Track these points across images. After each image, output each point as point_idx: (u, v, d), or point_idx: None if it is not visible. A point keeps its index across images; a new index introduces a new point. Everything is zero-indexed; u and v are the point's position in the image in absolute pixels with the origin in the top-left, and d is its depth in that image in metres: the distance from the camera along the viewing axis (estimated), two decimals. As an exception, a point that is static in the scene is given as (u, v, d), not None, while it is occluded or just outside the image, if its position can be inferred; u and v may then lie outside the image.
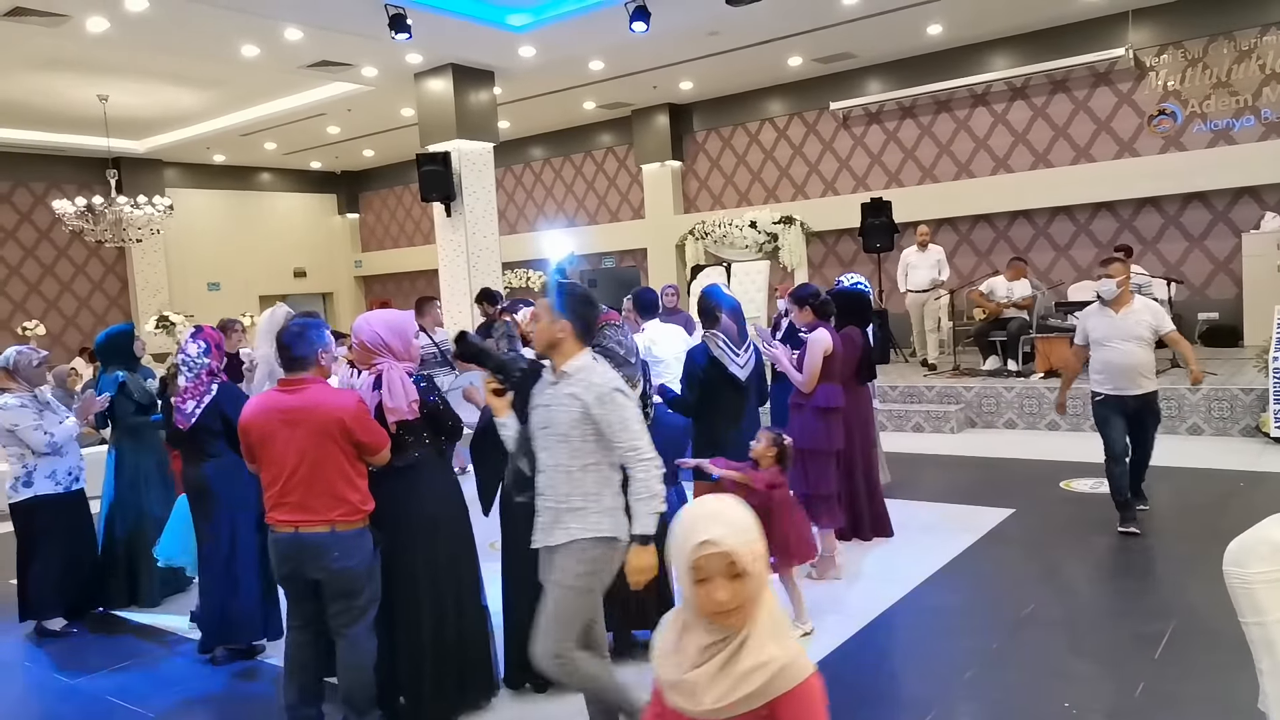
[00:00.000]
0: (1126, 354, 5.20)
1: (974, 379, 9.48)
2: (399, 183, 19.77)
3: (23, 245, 16.22)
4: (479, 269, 12.06)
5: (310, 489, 3.13)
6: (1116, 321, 5.24)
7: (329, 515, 3.14)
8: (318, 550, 3.12)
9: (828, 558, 4.87)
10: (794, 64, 13.18)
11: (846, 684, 3.69)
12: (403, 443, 3.36)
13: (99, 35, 9.60)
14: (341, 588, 3.18)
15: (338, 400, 3.23)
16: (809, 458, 4.67)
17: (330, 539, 3.13)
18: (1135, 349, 5.20)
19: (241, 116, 14.54)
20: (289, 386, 3.24)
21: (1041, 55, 12.03)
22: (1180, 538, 5.31)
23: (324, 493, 3.14)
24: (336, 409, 3.18)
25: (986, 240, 13.01)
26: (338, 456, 3.16)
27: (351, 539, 3.17)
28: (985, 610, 4.45)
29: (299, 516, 3.13)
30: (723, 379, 4.19)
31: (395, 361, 3.39)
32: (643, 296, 5.72)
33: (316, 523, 3.13)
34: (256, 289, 18.78)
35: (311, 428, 3.14)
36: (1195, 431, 8.03)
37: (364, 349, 3.42)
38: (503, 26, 10.55)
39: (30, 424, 4.59)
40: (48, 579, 4.73)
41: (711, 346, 4.20)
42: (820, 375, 4.73)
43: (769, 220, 14.05)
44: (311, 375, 3.27)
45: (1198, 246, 11.51)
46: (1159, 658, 3.72)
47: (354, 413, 3.20)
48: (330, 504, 3.14)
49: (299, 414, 3.14)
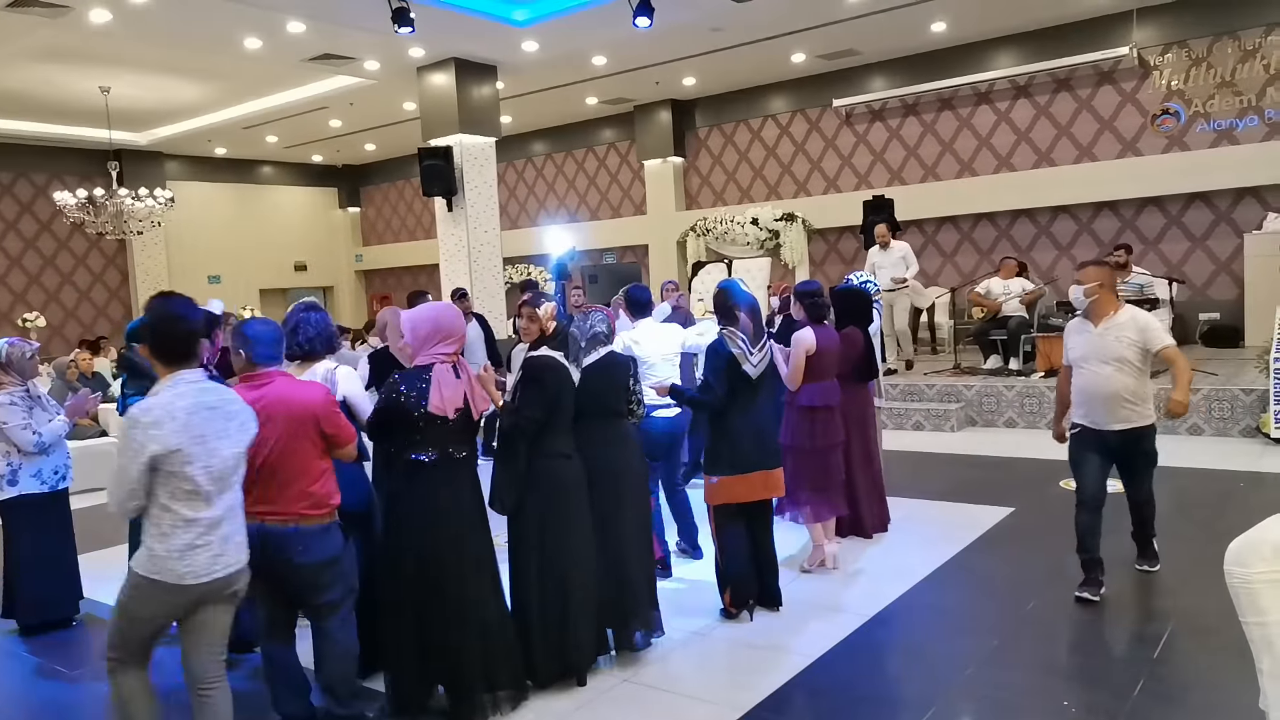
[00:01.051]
0: (1103, 379, 4.21)
1: (974, 378, 9.47)
2: (400, 177, 19.76)
3: (23, 237, 16.22)
4: (480, 264, 12.05)
5: (275, 482, 3.09)
6: (1093, 338, 4.27)
7: (294, 509, 3.11)
8: (281, 543, 3.09)
9: (817, 548, 4.91)
10: (797, 60, 13.16)
11: (846, 681, 3.70)
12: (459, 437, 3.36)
13: (101, 26, 9.59)
14: (306, 581, 3.17)
15: (308, 393, 3.21)
16: (793, 455, 4.70)
17: (294, 534, 3.10)
18: (1113, 373, 4.19)
19: (243, 109, 14.54)
20: (252, 381, 3.19)
21: (1045, 54, 12.02)
22: (1180, 538, 5.30)
23: (289, 485, 3.11)
24: (309, 402, 3.17)
25: (989, 239, 13.00)
26: (307, 449, 3.14)
27: (315, 534, 3.14)
28: (985, 608, 4.45)
29: (263, 509, 3.09)
30: (736, 376, 4.21)
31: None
32: (632, 293, 5.39)
33: (281, 516, 3.10)
34: (257, 282, 18.80)
35: (282, 421, 3.10)
36: (1195, 431, 8.02)
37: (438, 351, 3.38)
38: (506, 21, 10.53)
39: (19, 423, 4.42)
40: (30, 577, 4.63)
41: (729, 343, 4.20)
42: (806, 374, 4.77)
43: (771, 217, 14.02)
44: (276, 369, 3.24)
45: (1200, 247, 11.50)
46: (1158, 657, 3.72)
47: (324, 406, 3.20)
48: (295, 498, 3.11)
49: (268, 407, 3.08)
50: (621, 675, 3.76)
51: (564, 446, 3.71)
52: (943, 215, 13.17)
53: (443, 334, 3.36)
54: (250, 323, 3.31)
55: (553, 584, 3.61)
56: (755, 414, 4.31)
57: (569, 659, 3.64)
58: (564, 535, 3.63)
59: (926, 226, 13.38)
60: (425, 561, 3.30)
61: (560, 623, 3.61)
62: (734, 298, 4.30)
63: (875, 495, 5.56)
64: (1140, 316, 4.27)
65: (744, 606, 4.32)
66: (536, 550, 3.62)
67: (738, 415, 4.25)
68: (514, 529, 3.69)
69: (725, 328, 4.27)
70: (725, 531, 4.32)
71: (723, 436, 4.27)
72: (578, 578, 3.64)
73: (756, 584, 4.38)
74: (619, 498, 3.85)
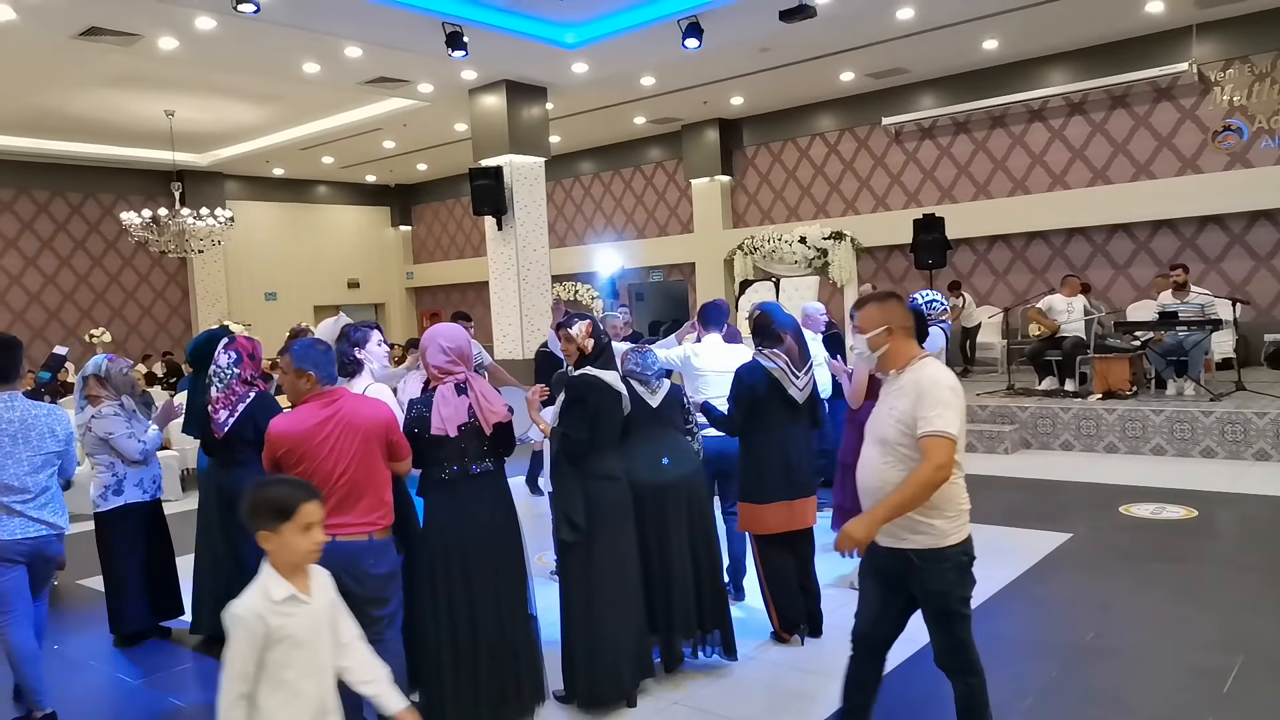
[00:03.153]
0: (864, 467, 2.89)
1: (1029, 399, 9.30)
2: (451, 196, 20.08)
3: (91, 255, 16.80)
4: (529, 282, 12.18)
5: (353, 494, 3.19)
6: (879, 402, 2.94)
7: (366, 518, 3.20)
8: (354, 557, 3.15)
9: None
10: (846, 79, 13.13)
11: (901, 710, 3.64)
12: (470, 452, 3.41)
13: (169, 53, 9.93)
14: (373, 594, 3.23)
15: (376, 408, 3.34)
16: (849, 472, 4.63)
17: (367, 546, 3.19)
18: (877, 459, 2.83)
19: (301, 131, 14.92)
20: (323, 398, 3.28)
21: (1100, 70, 11.83)
22: (1247, 568, 5.13)
23: (368, 497, 3.21)
24: (380, 415, 3.29)
25: (1042, 258, 12.78)
26: (379, 460, 3.25)
27: (385, 546, 3.26)
28: (1044, 637, 4.35)
29: (337, 521, 3.14)
30: (780, 399, 4.16)
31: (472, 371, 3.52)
32: (706, 307, 5.46)
33: (355, 529, 3.18)
34: (311, 299, 19.19)
35: (360, 434, 3.21)
36: (1262, 457, 7.77)
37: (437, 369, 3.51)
38: (557, 44, 10.69)
39: (124, 432, 4.59)
40: (135, 587, 4.76)
41: (770, 366, 4.14)
42: (868, 392, 4.71)
43: (819, 236, 13.90)
44: (339, 387, 3.37)
45: (1264, 265, 11.18)
46: (1227, 692, 3.60)
47: (391, 418, 3.33)
48: (371, 506, 3.21)
49: (343, 423, 3.20)
50: (673, 697, 3.75)
51: (609, 468, 3.70)
52: (995, 234, 12.99)
53: (449, 353, 3.46)
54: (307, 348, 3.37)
55: (599, 606, 3.60)
56: (787, 443, 4.20)
57: (618, 680, 3.63)
58: (608, 559, 3.63)
59: (978, 245, 13.20)
60: (449, 574, 3.39)
61: (606, 645, 3.59)
62: (777, 320, 4.24)
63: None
64: (927, 377, 2.76)
65: (794, 630, 4.30)
66: (582, 573, 3.63)
67: (764, 443, 4.18)
68: (561, 550, 3.71)
69: (766, 349, 4.22)
70: (766, 556, 4.30)
71: (750, 464, 4.24)
72: (623, 602, 3.64)
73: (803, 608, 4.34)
74: (673, 512, 3.87)
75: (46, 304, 16.25)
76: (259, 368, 4.36)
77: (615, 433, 3.75)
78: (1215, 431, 7.98)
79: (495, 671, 3.44)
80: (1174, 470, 7.60)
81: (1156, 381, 9.15)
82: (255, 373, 4.30)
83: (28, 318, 16.01)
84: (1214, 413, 8.02)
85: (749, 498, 4.25)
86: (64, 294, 16.46)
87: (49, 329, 16.23)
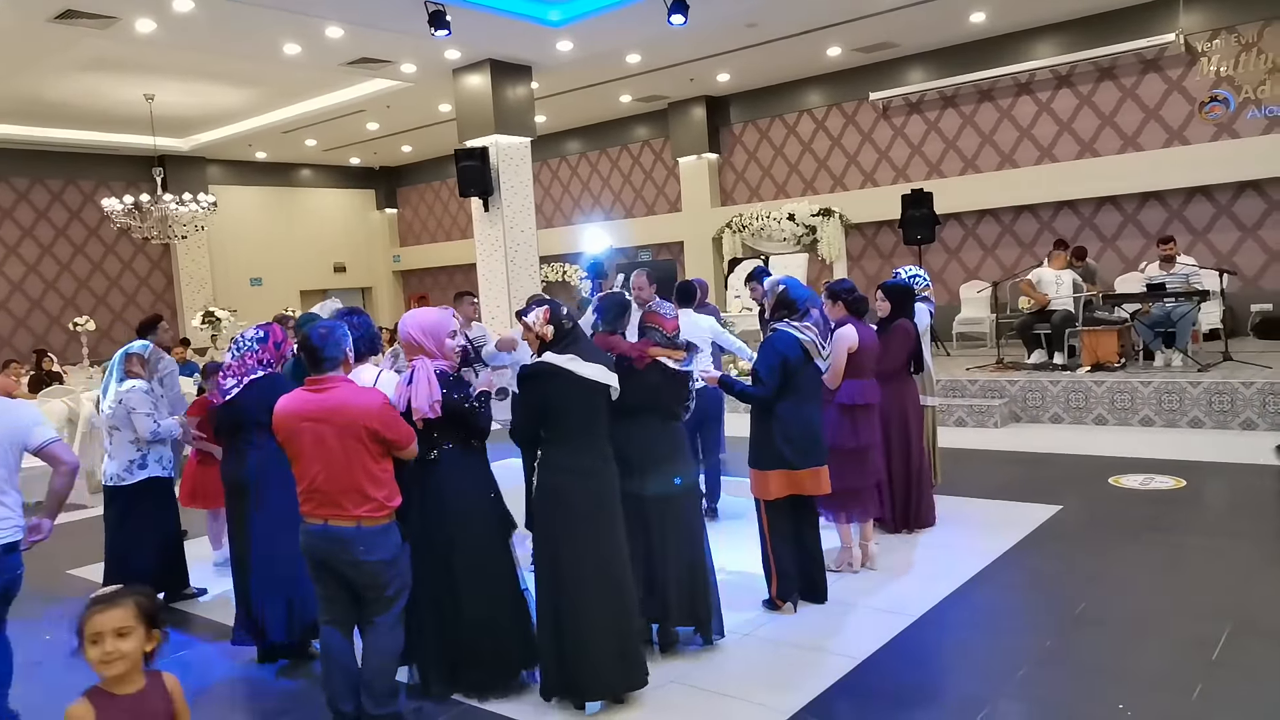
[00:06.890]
0: None
1: (1018, 373, 9.33)
2: (437, 178, 19.93)
3: (73, 242, 16.62)
4: (516, 263, 12.12)
5: (336, 486, 3.23)
6: None
7: (355, 511, 3.24)
8: (344, 543, 3.24)
9: (845, 549, 4.90)
10: (833, 54, 13.05)
11: (895, 682, 3.66)
12: (429, 438, 3.51)
13: (147, 36, 9.78)
14: (367, 579, 3.30)
15: (363, 401, 3.30)
16: (832, 453, 4.65)
17: (355, 533, 3.23)
18: None
19: (283, 114, 14.75)
20: (316, 386, 3.31)
21: (1088, 42, 11.79)
22: (1235, 536, 5.18)
23: (349, 490, 3.23)
24: (362, 410, 3.25)
25: (1030, 231, 12.79)
26: (363, 456, 3.24)
27: (376, 534, 3.26)
28: (1036, 608, 4.39)
29: (328, 510, 3.25)
30: (809, 369, 4.29)
31: (428, 360, 3.53)
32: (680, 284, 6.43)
33: (344, 517, 3.24)
34: (298, 284, 19.06)
35: (338, 427, 3.22)
36: (1249, 426, 7.83)
37: (406, 346, 3.67)
38: (541, 21, 10.57)
39: (145, 410, 4.91)
40: (147, 559, 4.90)
41: (802, 337, 4.25)
42: (846, 371, 4.77)
43: (807, 212, 13.93)
44: (339, 374, 3.37)
45: (1251, 236, 11.22)
46: (1216, 659, 3.64)
47: (379, 413, 3.28)
48: (356, 501, 3.24)
49: (326, 413, 3.24)
50: (669, 675, 3.76)
51: (577, 463, 3.52)
52: (983, 208, 12.98)
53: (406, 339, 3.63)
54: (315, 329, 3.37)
55: (567, 604, 3.47)
56: (813, 409, 4.35)
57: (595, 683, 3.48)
58: (575, 560, 3.47)
59: (966, 220, 13.20)
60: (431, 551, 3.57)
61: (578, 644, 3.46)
62: (798, 293, 4.36)
63: (917, 490, 5.50)
64: None
65: (789, 599, 4.35)
66: (548, 574, 3.52)
67: (795, 409, 4.27)
68: (534, 544, 3.68)
69: (790, 320, 4.29)
70: (776, 526, 4.34)
71: (777, 431, 4.26)
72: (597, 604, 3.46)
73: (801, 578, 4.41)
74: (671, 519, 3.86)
75: (29, 292, 16.08)
76: (277, 359, 4.33)
77: (586, 423, 3.53)
78: (1203, 402, 8.03)
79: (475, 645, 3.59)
80: (1162, 441, 7.65)
81: (1144, 353, 9.19)
82: (272, 359, 4.30)
83: (10, 306, 15.85)
84: (1201, 383, 8.07)
85: (772, 464, 4.26)
86: (46, 282, 16.28)
87: (32, 318, 16.08)
